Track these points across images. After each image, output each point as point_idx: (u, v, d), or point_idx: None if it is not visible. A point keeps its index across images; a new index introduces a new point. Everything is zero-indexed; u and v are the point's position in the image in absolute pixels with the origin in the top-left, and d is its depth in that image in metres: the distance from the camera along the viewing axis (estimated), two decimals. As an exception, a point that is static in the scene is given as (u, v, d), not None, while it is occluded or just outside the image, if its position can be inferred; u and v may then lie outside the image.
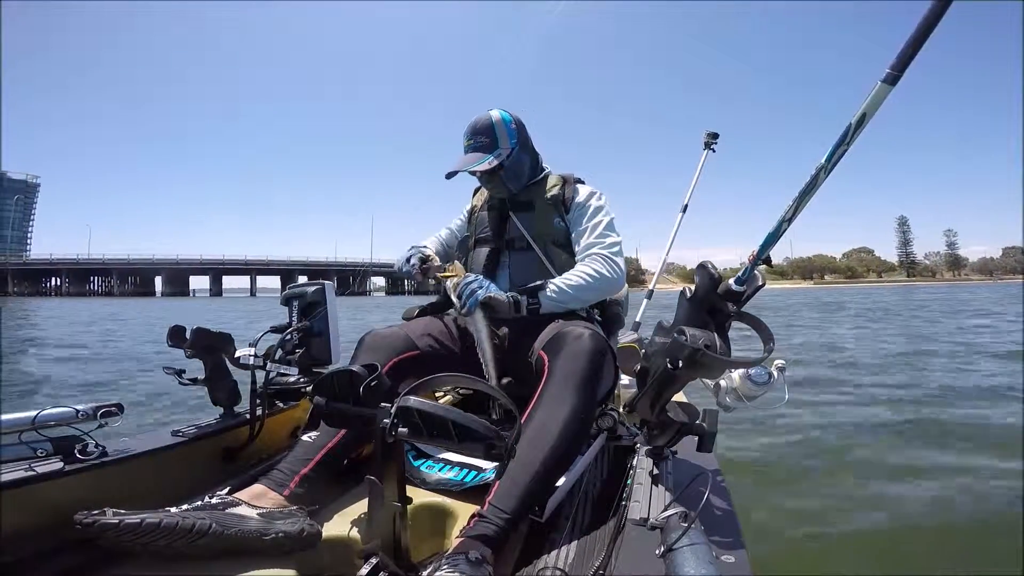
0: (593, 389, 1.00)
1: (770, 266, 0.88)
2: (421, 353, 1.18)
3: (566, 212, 1.35)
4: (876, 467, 2.37)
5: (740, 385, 0.89)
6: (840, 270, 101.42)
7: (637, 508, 0.80)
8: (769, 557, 1.58)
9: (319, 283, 1.34)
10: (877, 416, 3.25)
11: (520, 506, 0.83)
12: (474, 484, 1.03)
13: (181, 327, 1.19)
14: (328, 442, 0.98)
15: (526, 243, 1.34)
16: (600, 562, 0.74)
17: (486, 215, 1.42)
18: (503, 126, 1.32)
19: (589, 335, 1.03)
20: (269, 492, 0.89)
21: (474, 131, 1.32)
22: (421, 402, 0.70)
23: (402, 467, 0.77)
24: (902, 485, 2.16)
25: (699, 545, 0.60)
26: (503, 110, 1.34)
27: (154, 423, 3.07)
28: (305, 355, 1.30)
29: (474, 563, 0.69)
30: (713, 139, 2.62)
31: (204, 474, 1.08)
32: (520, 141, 1.34)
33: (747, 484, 2.17)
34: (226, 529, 0.75)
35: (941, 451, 2.56)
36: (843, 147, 0.75)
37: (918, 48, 0.68)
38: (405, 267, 1.35)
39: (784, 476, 2.30)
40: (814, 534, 1.78)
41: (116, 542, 0.71)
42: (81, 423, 0.93)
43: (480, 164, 1.28)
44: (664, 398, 0.91)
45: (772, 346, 0.81)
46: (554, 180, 1.40)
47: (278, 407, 1.30)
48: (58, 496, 0.83)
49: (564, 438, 0.91)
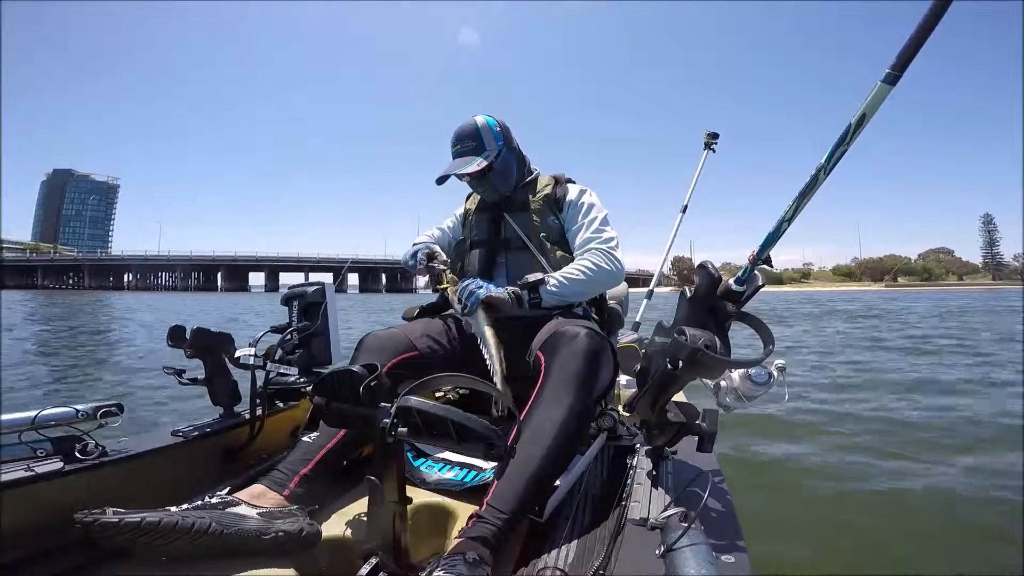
0: (590, 389, 1.00)
1: (770, 266, 0.88)
2: (420, 354, 1.18)
3: (559, 211, 1.36)
4: (877, 467, 2.37)
5: (740, 385, 0.89)
6: (915, 272, 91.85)
7: (637, 508, 0.80)
8: (769, 557, 1.58)
9: (319, 283, 1.34)
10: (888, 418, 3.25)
11: (518, 506, 0.83)
12: (474, 484, 1.03)
13: (181, 327, 1.19)
14: (328, 442, 0.98)
15: (521, 243, 1.34)
16: (600, 562, 0.74)
17: (480, 217, 1.42)
18: (488, 130, 1.33)
19: (586, 334, 1.03)
20: (269, 492, 0.89)
21: (460, 137, 1.33)
22: (421, 402, 0.70)
23: (402, 467, 0.77)
24: (903, 484, 2.16)
25: (699, 545, 0.60)
26: (487, 115, 1.36)
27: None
28: (305, 355, 1.30)
29: (472, 564, 0.69)
30: (713, 139, 2.62)
31: (204, 474, 1.08)
32: (506, 143, 1.35)
33: (747, 484, 2.17)
34: (226, 529, 0.75)
35: (944, 452, 2.56)
36: (843, 147, 0.75)
37: (918, 48, 0.68)
38: (411, 262, 1.36)
39: (785, 476, 2.30)
40: (814, 534, 1.78)
41: (116, 541, 0.71)
42: (81, 423, 0.93)
43: (469, 167, 1.29)
44: (664, 398, 0.91)
45: (772, 347, 0.81)
46: (545, 180, 1.41)
47: (278, 407, 1.29)
48: (58, 496, 0.83)
49: (562, 438, 0.91)
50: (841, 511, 1.95)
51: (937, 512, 1.92)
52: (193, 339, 1.19)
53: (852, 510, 1.95)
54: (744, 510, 0.88)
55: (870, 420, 3.17)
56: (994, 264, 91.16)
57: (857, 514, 1.92)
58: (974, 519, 1.85)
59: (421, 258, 1.33)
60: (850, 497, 2.07)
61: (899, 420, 3.15)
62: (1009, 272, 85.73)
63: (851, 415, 3.29)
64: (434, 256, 1.34)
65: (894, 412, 3.34)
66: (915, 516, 1.90)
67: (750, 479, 2.25)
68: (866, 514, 1.91)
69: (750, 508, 1.86)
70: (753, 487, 2.15)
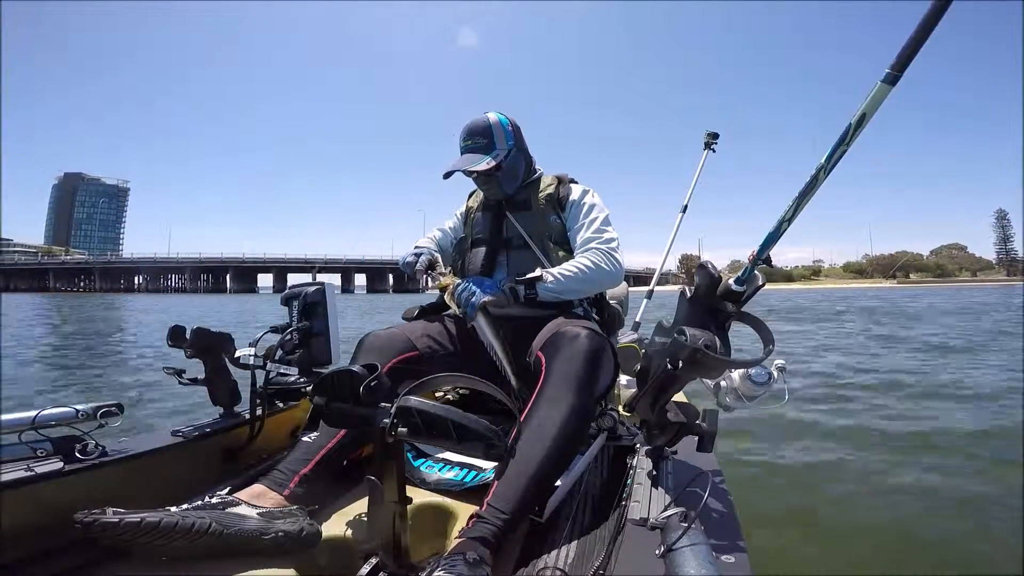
0: (591, 389, 1.00)
1: (770, 266, 0.88)
2: (420, 354, 1.18)
3: (561, 210, 1.36)
4: (877, 466, 2.37)
5: (740, 385, 0.89)
6: (928, 268, 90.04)
7: (637, 508, 0.80)
8: (769, 557, 1.58)
9: (319, 283, 1.34)
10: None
11: (518, 506, 0.83)
12: (474, 484, 1.03)
13: (181, 327, 1.19)
14: (328, 442, 0.98)
15: (523, 242, 1.34)
16: (600, 562, 0.74)
17: (482, 216, 1.42)
18: (500, 128, 1.32)
19: (586, 335, 1.03)
20: (269, 492, 0.89)
21: (471, 132, 1.32)
22: (421, 402, 0.70)
23: (402, 467, 0.77)
24: (902, 482, 2.16)
25: (699, 545, 0.60)
26: (500, 113, 1.35)
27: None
28: (305, 355, 1.30)
29: (472, 564, 0.69)
30: (713, 139, 2.61)
31: (204, 474, 1.08)
32: (516, 143, 1.34)
33: (747, 483, 2.17)
34: (226, 529, 0.75)
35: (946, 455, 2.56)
36: (843, 147, 0.75)
37: (918, 48, 0.68)
38: (407, 270, 1.33)
39: (784, 475, 2.30)
40: (814, 533, 1.78)
41: (116, 541, 0.71)
42: (81, 423, 0.93)
43: (479, 164, 1.28)
44: (664, 398, 0.91)
45: (772, 347, 0.81)
46: (548, 180, 1.40)
47: (278, 407, 1.29)
48: (58, 496, 0.83)
49: (562, 438, 0.91)
50: (840, 512, 1.95)
51: (938, 511, 1.91)
52: (193, 339, 1.18)
53: (851, 510, 1.95)
54: (744, 510, 0.88)
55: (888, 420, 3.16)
56: (1008, 260, 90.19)
57: (857, 513, 1.92)
58: (973, 519, 1.85)
59: (422, 264, 1.30)
60: (849, 496, 2.07)
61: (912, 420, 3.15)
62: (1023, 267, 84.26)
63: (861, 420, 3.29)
64: (435, 265, 1.30)
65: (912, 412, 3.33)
66: (915, 516, 1.90)
67: (750, 478, 2.25)
68: (866, 513, 1.91)
69: (750, 508, 1.86)
70: (753, 487, 2.15)
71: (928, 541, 1.73)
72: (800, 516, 1.91)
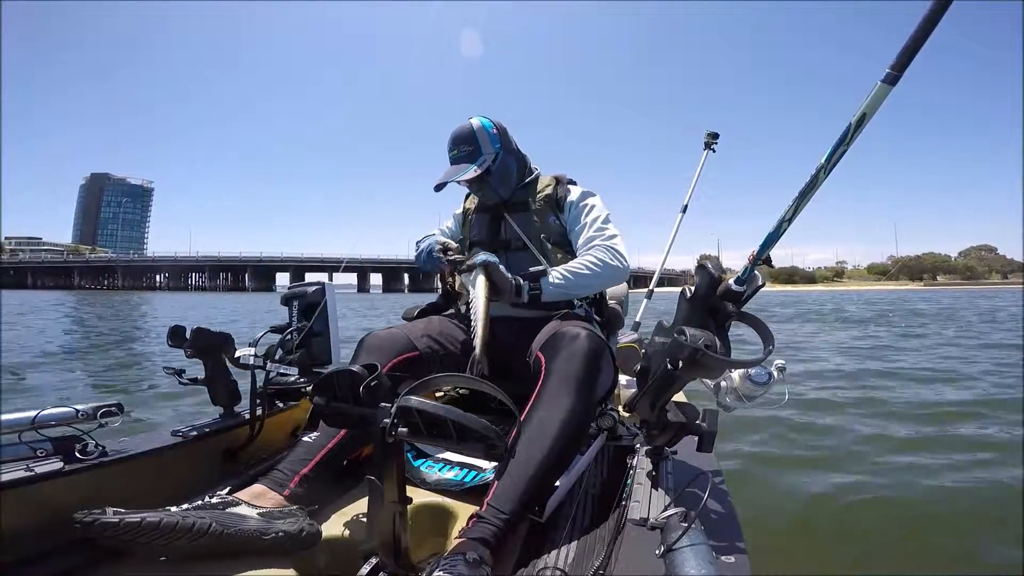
0: (591, 389, 1.00)
1: (770, 266, 0.88)
2: (420, 354, 1.18)
3: (560, 211, 1.35)
4: (877, 464, 2.37)
5: (740, 385, 0.89)
6: (956, 270, 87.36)
7: (637, 508, 0.80)
8: (769, 557, 1.58)
9: (319, 283, 1.34)
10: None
11: (518, 507, 0.83)
12: (474, 484, 1.03)
13: (181, 327, 1.19)
14: (328, 442, 0.98)
15: (522, 243, 1.33)
16: (600, 562, 0.74)
17: (480, 217, 1.42)
18: (484, 132, 1.31)
19: (586, 335, 1.03)
20: (269, 492, 0.89)
21: (456, 141, 1.31)
22: (421, 402, 0.70)
23: (402, 467, 0.77)
24: (903, 483, 2.16)
25: (699, 545, 0.60)
26: (483, 117, 1.33)
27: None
28: (305, 355, 1.30)
29: (472, 564, 0.69)
30: (713, 139, 2.62)
31: (204, 474, 1.08)
32: (503, 145, 1.33)
33: (747, 483, 2.17)
34: (226, 529, 0.75)
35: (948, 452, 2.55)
36: (843, 147, 0.75)
37: (918, 48, 0.68)
38: (428, 265, 1.28)
39: (784, 475, 2.30)
40: (814, 534, 1.78)
41: (116, 541, 0.71)
42: (81, 423, 0.93)
43: (466, 174, 1.27)
44: (664, 398, 0.91)
45: (772, 347, 0.81)
46: (546, 180, 1.40)
47: (278, 407, 1.30)
48: (58, 496, 0.83)
49: (562, 439, 0.90)
50: (841, 511, 1.95)
51: (937, 512, 1.91)
52: (193, 339, 1.19)
53: (853, 510, 1.95)
54: (745, 510, 0.88)
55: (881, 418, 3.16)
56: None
57: (857, 513, 1.92)
58: (975, 520, 1.85)
59: (438, 254, 1.25)
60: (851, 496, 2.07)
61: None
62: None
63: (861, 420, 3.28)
64: (448, 248, 1.26)
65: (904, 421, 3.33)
66: (915, 516, 1.90)
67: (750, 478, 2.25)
68: (866, 514, 1.91)
69: (751, 508, 1.86)
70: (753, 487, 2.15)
71: (928, 541, 1.73)
72: (800, 516, 1.90)
